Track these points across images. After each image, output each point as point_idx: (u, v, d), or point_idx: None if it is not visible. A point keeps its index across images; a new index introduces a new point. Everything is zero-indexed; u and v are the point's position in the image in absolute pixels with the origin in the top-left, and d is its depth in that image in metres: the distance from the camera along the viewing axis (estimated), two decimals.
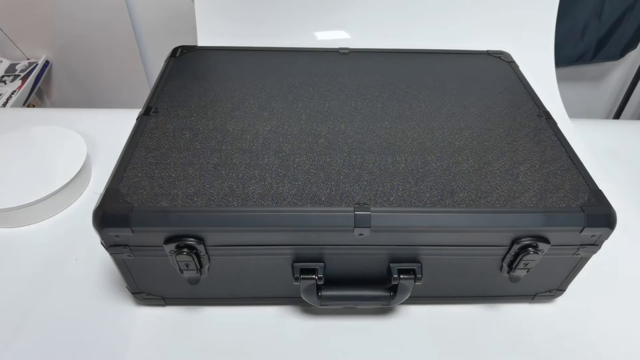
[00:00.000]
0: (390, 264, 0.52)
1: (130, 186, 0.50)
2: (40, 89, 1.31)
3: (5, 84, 1.22)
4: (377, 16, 0.92)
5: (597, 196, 0.51)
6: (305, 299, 0.53)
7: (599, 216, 0.49)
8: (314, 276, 0.51)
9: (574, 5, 1.09)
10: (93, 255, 0.63)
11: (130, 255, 0.50)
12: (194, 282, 0.54)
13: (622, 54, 1.19)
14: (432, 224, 0.48)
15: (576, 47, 1.16)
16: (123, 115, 0.80)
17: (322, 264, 0.52)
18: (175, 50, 0.76)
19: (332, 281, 0.53)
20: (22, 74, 1.25)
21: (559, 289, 0.58)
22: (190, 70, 0.70)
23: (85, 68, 1.33)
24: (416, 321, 0.57)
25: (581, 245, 0.51)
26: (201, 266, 0.51)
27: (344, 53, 0.77)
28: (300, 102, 0.64)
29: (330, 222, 0.48)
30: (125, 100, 1.36)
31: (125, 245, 0.48)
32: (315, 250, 0.51)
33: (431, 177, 0.52)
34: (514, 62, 0.77)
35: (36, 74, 1.25)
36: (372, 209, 0.48)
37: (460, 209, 0.49)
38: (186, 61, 0.73)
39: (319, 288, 0.52)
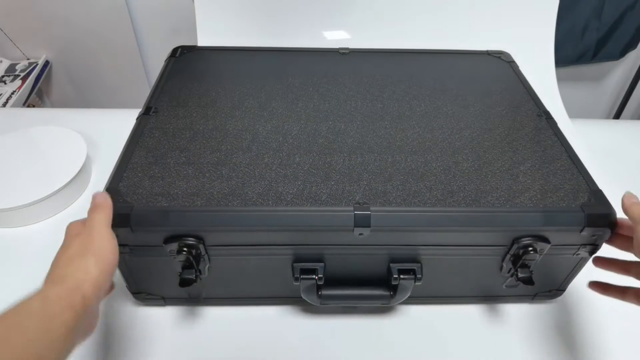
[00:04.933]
0: (390, 264, 0.52)
1: (130, 186, 0.50)
2: (40, 89, 1.31)
3: (5, 84, 1.22)
4: (377, 16, 0.92)
5: (597, 196, 0.51)
6: (305, 298, 0.53)
7: (599, 216, 0.49)
8: (314, 276, 0.51)
9: (574, 5, 1.09)
10: None
11: (130, 255, 0.50)
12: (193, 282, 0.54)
13: (622, 54, 1.19)
14: (432, 224, 0.48)
15: (576, 47, 1.16)
16: (123, 115, 0.80)
17: (322, 264, 0.51)
18: (175, 50, 0.76)
19: (332, 281, 0.53)
20: (22, 74, 1.25)
21: (559, 289, 0.58)
22: (190, 70, 0.70)
23: (85, 68, 1.32)
24: (416, 321, 0.57)
25: (581, 245, 0.51)
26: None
27: (344, 53, 0.77)
28: (300, 102, 0.64)
29: (330, 222, 0.48)
30: (125, 100, 1.36)
31: (125, 245, 0.48)
32: (315, 250, 0.51)
33: (431, 177, 0.52)
34: (514, 62, 0.77)
35: (36, 74, 1.25)
36: (372, 208, 0.48)
37: (460, 208, 0.49)
38: (186, 61, 0.73)
39: (319, 288, 0.52)
